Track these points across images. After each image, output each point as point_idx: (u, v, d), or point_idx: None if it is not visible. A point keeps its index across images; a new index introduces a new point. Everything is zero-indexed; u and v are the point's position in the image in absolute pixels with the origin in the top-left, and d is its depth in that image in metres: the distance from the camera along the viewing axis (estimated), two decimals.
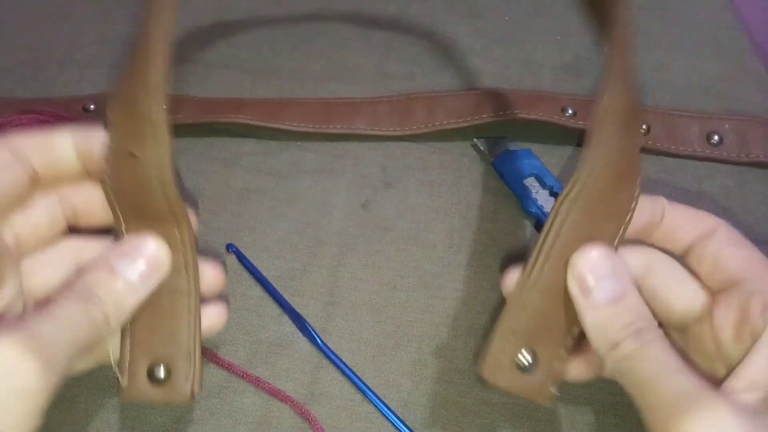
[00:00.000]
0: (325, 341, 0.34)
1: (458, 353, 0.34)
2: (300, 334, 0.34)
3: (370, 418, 0.33)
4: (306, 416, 0.32)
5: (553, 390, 0.28)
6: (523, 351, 0.27)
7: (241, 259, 0.36)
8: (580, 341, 0.28)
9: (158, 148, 0.25)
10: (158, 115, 0.25)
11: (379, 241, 0.37)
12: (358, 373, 0.33)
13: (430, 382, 0.34)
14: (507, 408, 0.33)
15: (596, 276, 0.26)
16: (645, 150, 0.40)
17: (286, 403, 0.32)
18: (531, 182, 0.39)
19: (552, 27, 0.46)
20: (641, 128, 0.37)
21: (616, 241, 0.27)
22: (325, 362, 0.34)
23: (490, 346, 0.28)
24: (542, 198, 0.38)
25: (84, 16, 0.46)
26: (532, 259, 0.27)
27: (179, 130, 0.41)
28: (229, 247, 0.36)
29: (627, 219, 0.27)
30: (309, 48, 0.45)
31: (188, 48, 0.43)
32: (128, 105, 0.25)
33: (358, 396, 0.33)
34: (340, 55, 0.44)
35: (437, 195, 0.39)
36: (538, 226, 0.37)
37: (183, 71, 0.43)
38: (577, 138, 0.40)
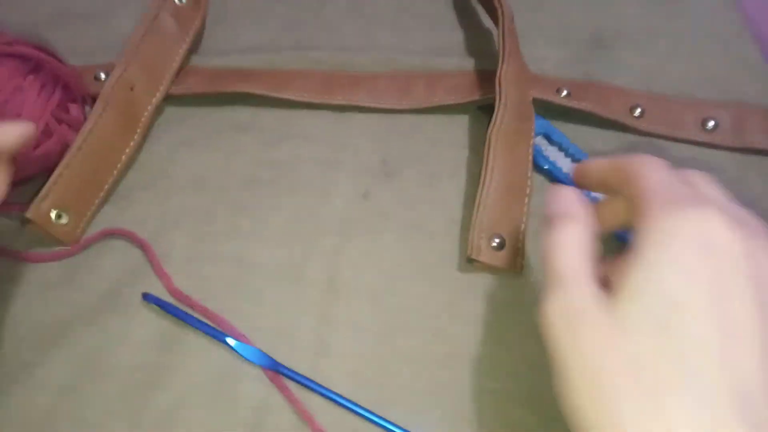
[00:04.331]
0: (325, 329, 0.34)
1: (457, 340, 0.34)
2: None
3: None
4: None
5: (521, 262, 0.36)
6: (494, 236, 0.36)
7: (163, 306, 0.34)
8: None
9: None
10: None
11: (379, 231, 0.38)
12: (357, 363, 0.33)
13: (430, 369, 0.34)
14: (505, 394, 0.33)
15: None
16: (640, 133, 0.41)
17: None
18: (540, 141, 0.40)
19: (552, 23, 0.46)
20: (529, 89, 0.40)
21: (529, 155, 0.38)
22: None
23: (471, 236, 0.36)
24: (553, 154, 0.40)
25: (84, 14, 0.46)
26: (482, 179, 0.37)
27: (186, 99, 0.41)
28: (145, 297, 0.34)
29: (531, 142, 0.38)
30: None
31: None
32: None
33: None
34: None
35: (437, 186, 0.39)
36: (553, 179, 0.39)
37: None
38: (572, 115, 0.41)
